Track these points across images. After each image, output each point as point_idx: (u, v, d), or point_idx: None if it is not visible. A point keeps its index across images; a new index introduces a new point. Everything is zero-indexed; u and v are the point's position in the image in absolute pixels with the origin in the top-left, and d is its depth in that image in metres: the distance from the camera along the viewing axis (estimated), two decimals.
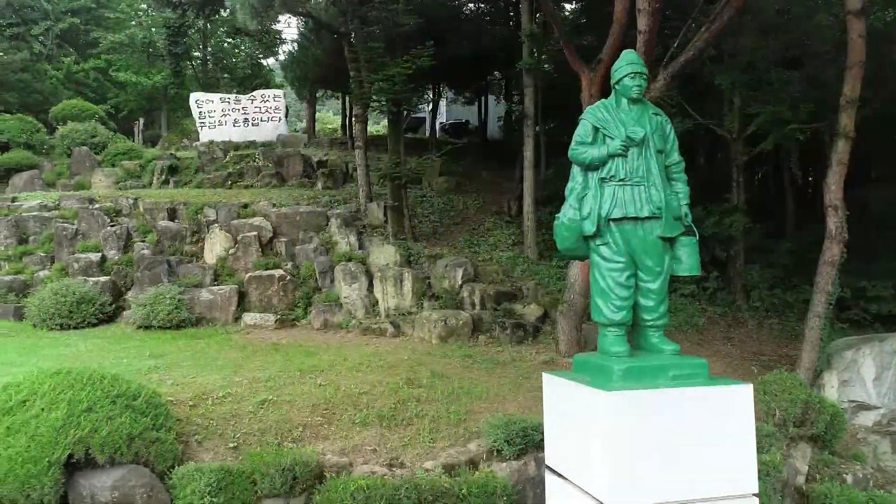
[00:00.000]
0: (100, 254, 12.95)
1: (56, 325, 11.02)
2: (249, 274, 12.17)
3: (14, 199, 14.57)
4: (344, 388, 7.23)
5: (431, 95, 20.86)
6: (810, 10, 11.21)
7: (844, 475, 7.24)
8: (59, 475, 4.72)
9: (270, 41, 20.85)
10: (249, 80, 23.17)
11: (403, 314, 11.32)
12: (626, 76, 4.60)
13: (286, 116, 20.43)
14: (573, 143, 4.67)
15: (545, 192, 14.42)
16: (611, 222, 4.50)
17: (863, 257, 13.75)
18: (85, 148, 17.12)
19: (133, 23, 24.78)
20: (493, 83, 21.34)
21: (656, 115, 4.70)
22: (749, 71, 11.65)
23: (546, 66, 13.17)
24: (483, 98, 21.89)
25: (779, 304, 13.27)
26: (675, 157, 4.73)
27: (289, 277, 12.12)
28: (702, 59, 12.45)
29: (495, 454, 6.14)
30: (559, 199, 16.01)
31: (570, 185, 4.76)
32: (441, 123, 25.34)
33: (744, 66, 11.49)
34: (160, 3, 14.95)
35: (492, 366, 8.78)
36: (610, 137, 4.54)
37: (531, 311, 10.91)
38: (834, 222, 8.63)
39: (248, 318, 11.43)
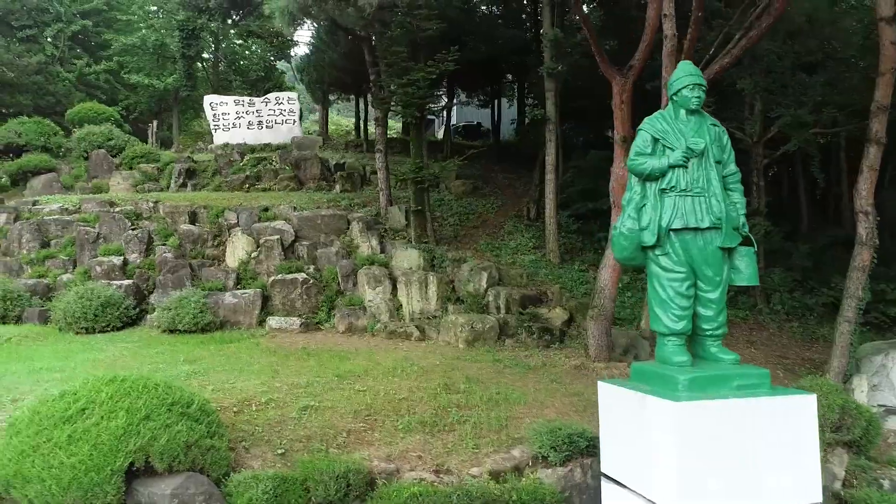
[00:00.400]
0: (122, 257, 12.99)
1: (81, 328, 11.06)
2: (273, 278, 12.21)
3: (35, 203, 14.60)
4: (383, 393, 7.27)
5: (446, 99, 20.90)
6: (836, 15, 11.25)
7: (881, 480, 7.26)
8: (121, 483, 4.76)
9: (283, 44, 20.87)
10: (262, 82, 23.21)
11: (428, 318, 11.36)
12: (685, 87, 4.64)
13: (300, 119, 20.46)
14: (632, 154, 4.71)
15: (563, 196, 14.45)
16: (671, 232, 4.54)
17: (881, 261, 13.79)
18: (102, 151, 17.16)
19: (143, 25, 24.80)
20: (505, 85, 21.38)
21: (714, 125, 4.74)
22: (771, 75, 11.68)
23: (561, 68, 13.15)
24: (496, 100, 21.95)
25: (799, 307, 13.31)
26: (732, 167, 4.77)
27: (312, 281, 12.15)
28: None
29: (540, 460, 6.17)
30: (578, 202, 16.04)
31: (627, 195, 4.79)
32: (453, 125, 25.39)
33: (766, 70, 11.52)
34: (186, 7, 14.94)
35: (523, 370, 8.81)
36: (670, 148, 4.58)
37: (557, 316, 10.94)
38: (864, 228, 8.66)
39: (273, 321, 11.45)
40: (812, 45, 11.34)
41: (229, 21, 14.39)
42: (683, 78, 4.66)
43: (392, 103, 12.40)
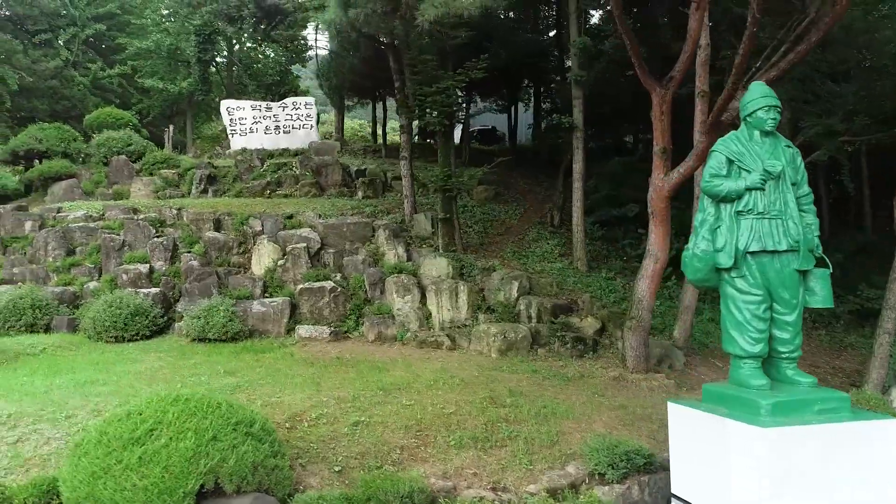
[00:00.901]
0: (147, 265, 12.98)
1: (111, 337, 11.06)
2: (301, 286, 12.19)
3: (59, 210, 14.59)
4: (430, 408, 7.25)
5: (465, 105, 20.90)
6: (871, 24, 11.23)
7: None
8: None
9: (298, 49, 20.87)
10: (277, 86, 23.19)
11: (458, 327, 11.34)
12: (759, 109, 4.62)
13: (317, 123, 20.44)
14: (706, 176, 4.69)
15: (587, 202, 14.41)
16: (748, 255, 4.52)
17: None
18: (123, 157, 17.15)
19: (157, 29, 24.78)
20: (522, 89, 21.36)
21: (788, 146, 4.72)
22: (803, 84, 11.66)
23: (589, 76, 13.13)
24: (513, 105, 21.93)
25: (825, 315, 13.28)
26: (805, 188, 4.75)
27: (339, 289, 12.13)
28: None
29: (596, 477, 6.16)
30: (602, 209, 15.98)
31: (699, 216, 4.77)
32: (469, 130, 25.38)
33: (799, 80, 11.49)
34: (217, 17, 14.93)
35: (563, 382, 8.79)
36: (746, 170, 4.56)
37: (588, 325, 10.92)
38: None
39: (303, 330, 11.44)
40: (845, 54, 11.31)
41: (261, 28, 14.37)
42: (759, 99, 4.64)
43: (425, 111, 12.35)
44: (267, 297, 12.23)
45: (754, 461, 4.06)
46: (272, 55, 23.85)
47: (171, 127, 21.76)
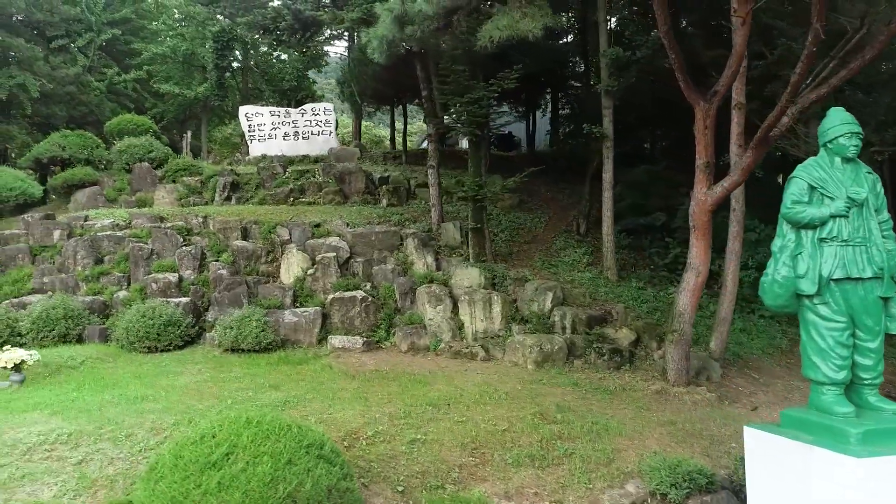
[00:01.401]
0: (176, 274, 13.00)
1: (144, 347, 11.08)
2: (332, 296, 12.20)
3: (86, 219, 14.60)
4: (483, 424, 7.26)
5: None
6: None
7: None
8: None
9: (316, 55, 20.89)
10: (293, 92, 23.22)
11: (491, 337, 11.35)
12: (841, 136, 4.63)
13: (336, 129, 20.46)
14: (787, 202, 4.69)
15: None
16: (831, 282, 4.52)
17: None
18: (146, 164, 17.16)
19: (172, 34, 24.82)
20: (541, 95, 21.37)
21: (869, 173, 4.73)
22: (838, 95, 11.67)
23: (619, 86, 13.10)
24: (532, 111, 21.93)
25: None
26: (885, 214, 4.75)
27: (370, 299, 12.14)
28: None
29: (658, 497, 6.17)
30: (627, 217, 15.91)
31: (779, 242, 4.78)
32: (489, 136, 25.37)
33: (836, 91, 11.50)
34: (253, 28, 14.96)
35: (606, 396, 8.80)
36: (829, 197, 4.56)
37: (624, 336, 10.92)
38: None
39: (336, 340, 11.44)
40: (877, 64, 11.34)
41: (295, 38, 14.42)
42: (840, 126, 4.65)
43: (456, 122, 12.33)
44: (297, 307, 12.24)
45: (842, 491, 4.06)
46: (286, 59, 23.87)
47: (189, 132, 21.77)
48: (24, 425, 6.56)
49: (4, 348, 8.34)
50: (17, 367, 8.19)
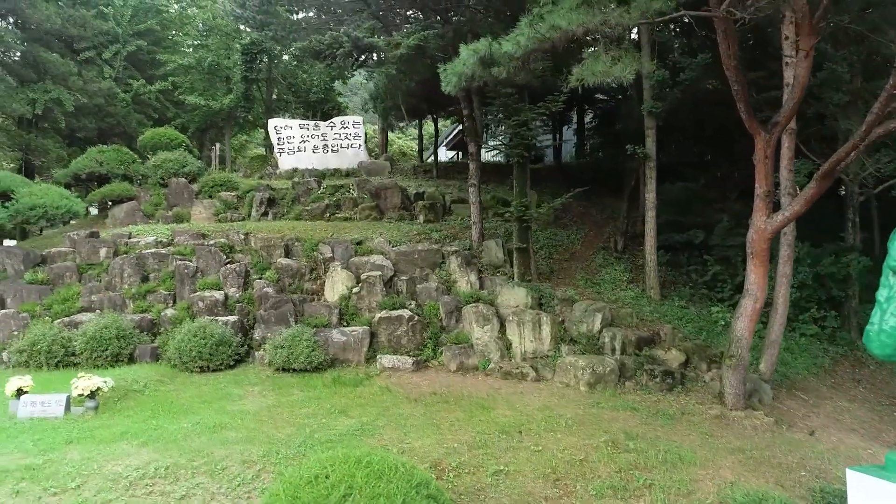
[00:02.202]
0: (222, 292, 13.14)
1: (197, 367, 11.22)
2: (379, 315, 12.32)
3: (130, 236, 14.75)
4: (559, 454, 7.38)
5: None
6: None
7: None
8: None
9: (343, 68, 21.03)
10: (320, 104, 23.38)
11: (540, 358, 11.48)
12: None
13: (365, 142, 20.62)
14: (894, 254, 4.82)
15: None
16: None
17: None
18: (183, 180, 17.32)
19: (197, 44, 25.00)
20: (571, 109, 21.52)
21: None
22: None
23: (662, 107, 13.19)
24: (561, 125, 22.09)
25: None
26: None
27: (416, 318, 12.27)
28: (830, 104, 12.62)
29: None
30: (664, 234, 15.91)
31: (885, 292, 4.90)
32: None
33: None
34: (307, 54, 15.13)
35: (667, 421, 8.92)
36: None
37: (673, 358, 11.05)
38: None
39: (385, 360, 11.56)
40: None
41: (349, 62, 14.60)
42: None
43: (504, 144, 12.45)
44: (344, 326, 12.38)
45: None
46: (312, 72, 24.06)
47: (218, 145, 21.94)
48: (118, 457, 6.70)
49: (79, 375, 8.48)
50: (93, 394, 8.33)
